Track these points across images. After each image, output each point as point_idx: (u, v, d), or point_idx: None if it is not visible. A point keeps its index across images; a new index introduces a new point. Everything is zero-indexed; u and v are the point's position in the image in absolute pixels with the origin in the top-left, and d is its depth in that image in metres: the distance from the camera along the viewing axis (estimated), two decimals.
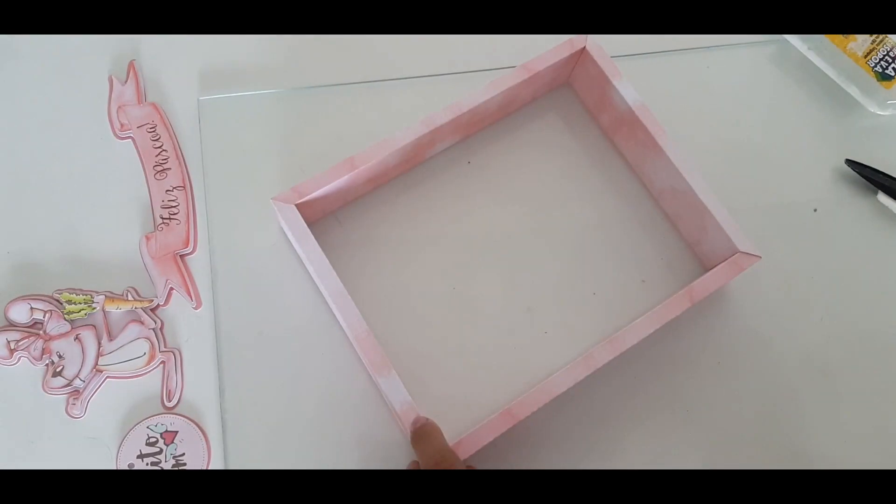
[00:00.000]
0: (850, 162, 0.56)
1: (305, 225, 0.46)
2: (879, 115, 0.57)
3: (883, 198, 0.55)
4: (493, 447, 0.45)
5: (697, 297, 0.47)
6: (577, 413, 0.49)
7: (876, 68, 0.55)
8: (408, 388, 0.44)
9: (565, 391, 0.45)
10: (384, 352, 0.45)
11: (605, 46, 0.51)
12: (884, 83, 0.55)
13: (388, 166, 0.50)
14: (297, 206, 0.46)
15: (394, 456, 0.48)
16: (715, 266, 0.49)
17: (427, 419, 0.43)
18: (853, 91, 0.58)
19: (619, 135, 0.54)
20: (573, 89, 0.56)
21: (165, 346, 0.49)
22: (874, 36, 0.55)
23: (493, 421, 0.44)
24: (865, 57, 0.55)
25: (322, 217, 0.51)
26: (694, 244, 0.52)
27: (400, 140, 0.48)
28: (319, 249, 0.46)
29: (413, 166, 0.53)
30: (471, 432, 0.44)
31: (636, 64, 0.57)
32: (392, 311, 0.50)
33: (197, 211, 0.52)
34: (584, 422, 0.49)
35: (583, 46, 0.51)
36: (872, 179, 0.55)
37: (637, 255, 0.53)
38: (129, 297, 0.50)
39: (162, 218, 0.52)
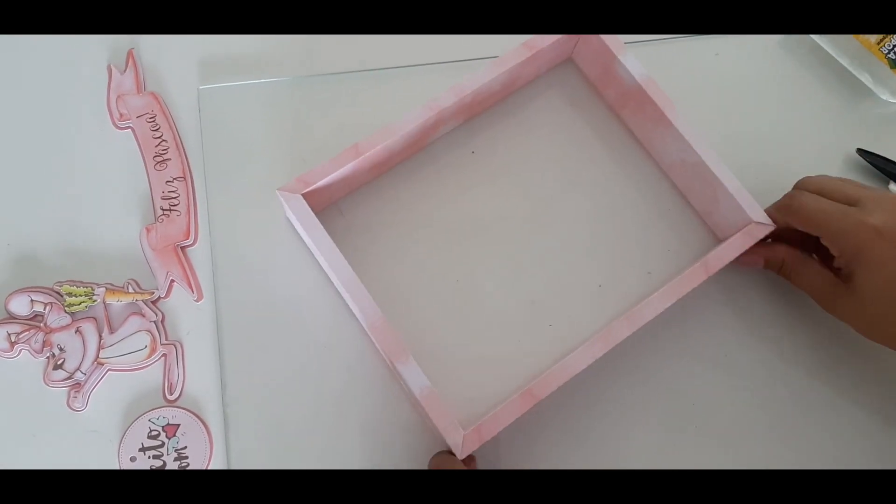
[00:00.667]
0: (861, 151, 0.55)
1: (314, 214, 0.46)
2: (892, 103, 0.56)
3: (895, 187, 0.54)
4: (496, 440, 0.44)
5: (713, 269, 0.46)
6: (588, 410, 0.49)
7: (889, 55, 0.54)
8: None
9: (581, 373, 0.44)
10: (401, 338, 0.44)
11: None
12: None
13: (393, 152, 0.49)
14: (303, 195, 0.46)
15: (397, 451, 0.47)
16: (728, 238, 0.48)
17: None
18: (865, 79, 0.56)
19: (625, 109, 0.53)
20: (576, 65, 0.55)
21: (166, 339, 0.49)
22: None
23: (514, 402, 0.43)
24: (878, 44, 0.54)
25: (325, 207, 0.51)
26: (706, 216, 0.52)
27: (405, 125, 0.47)
28: (329, 239, 0.45)
29: (417, 151, 0.52)
30: (492, 413, 0.43)
31: (642, 50, 0.56)
32: (394, 302, 0.49)
33: (198, 202, 0.52)
34: (593, 419, 0.49)
35: None
36: (884, 169, 0.54)
37: (648, 231, 0.52)
38: (130, 290, 0.50)
39: (162, 209, 0.51)
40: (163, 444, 0.47)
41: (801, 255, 0.48)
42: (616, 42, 0.50)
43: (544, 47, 0.50)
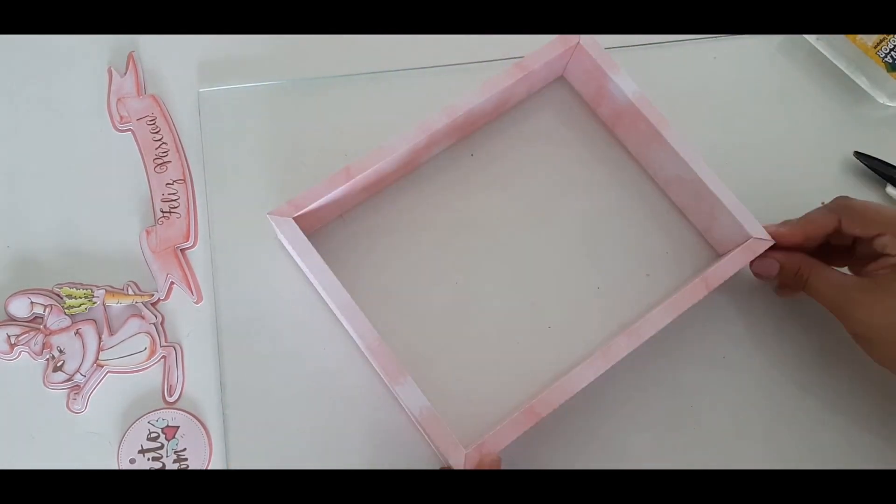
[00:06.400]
0: (858, 154, 0.55)
1: (305, 238, 0.45)
2: (889, 106, 0.57)
3: (892, 190, 0.54)
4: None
5: (713, 285, 0.46)
6: (587, 411, 0.49)
7: (886, 59, 0.54)
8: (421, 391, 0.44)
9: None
10: (398, 359, 0.44)
11: (606, 36, 0.50)
12: (893, 74, 0.54)
13: (384, 174, 0.49)
14: (294, 218, 0.45)
15: (396, 446, 0.48)
16: (727, 253, 0.48)
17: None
18: (862, 82, 0.57)
19: (619, 126, 0.53)
20: (568, 83, 0.55)
21: (166, 341, 0.49)
22: None
23: (516, 420, 0.43)
24: (875, 47, 0.54)
25: (320, 226, 0.51)
26: (704, 232, 0.52)
27: (396, 147, 0.47)
28: (323, 262, 0.45)
29: (409, 172, 0.52)
30: (494, 431, 0.43)
31: (639, 54, 0.56)
32: (391, 316, 0.49)
33: (197, 204, 0.52)
34: (592, 420, 0.49)
35: (576, 42, 0.50)
36: (881, 172, 0.54)
37: (645, 246, 0.52)
38: (130, 292, 0.50)
39: (162, 212, 0.51)
40: (162, 446, 0.47)
41: (818, 262, 0.47)
42: (608, 60, 0.50)
43: (535, 68, 0.50)
